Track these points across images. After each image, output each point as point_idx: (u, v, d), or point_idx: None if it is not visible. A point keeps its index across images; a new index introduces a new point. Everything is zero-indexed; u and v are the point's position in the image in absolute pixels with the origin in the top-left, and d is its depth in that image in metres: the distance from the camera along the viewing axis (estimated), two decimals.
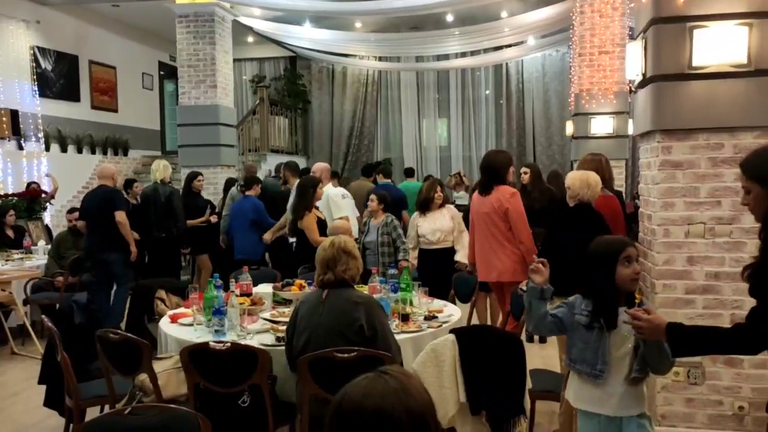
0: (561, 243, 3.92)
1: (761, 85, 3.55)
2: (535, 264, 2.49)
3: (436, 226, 5.38)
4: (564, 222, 4.00)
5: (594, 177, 4.04)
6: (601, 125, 8.81)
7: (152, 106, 13.25)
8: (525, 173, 6.38)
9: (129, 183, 8.48)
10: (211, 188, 9.46)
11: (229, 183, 8.30)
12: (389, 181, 7.97)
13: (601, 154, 4.66)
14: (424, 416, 1.17)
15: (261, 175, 10.86)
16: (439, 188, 5.53)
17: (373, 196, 5.71)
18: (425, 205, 5.46)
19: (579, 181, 3.99)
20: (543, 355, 5.16)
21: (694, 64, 3.55)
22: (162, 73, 13.61)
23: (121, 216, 5.81)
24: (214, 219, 7.58)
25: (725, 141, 3.66)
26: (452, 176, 10.41)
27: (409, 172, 10.06)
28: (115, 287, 5.86)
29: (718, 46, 3.50)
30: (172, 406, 2.12)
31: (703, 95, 3.61)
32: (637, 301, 2.49)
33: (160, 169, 6.98)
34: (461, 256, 5.27)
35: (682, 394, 3.80)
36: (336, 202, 6.06)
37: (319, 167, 6.56)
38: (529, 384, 2.97)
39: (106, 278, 5.81)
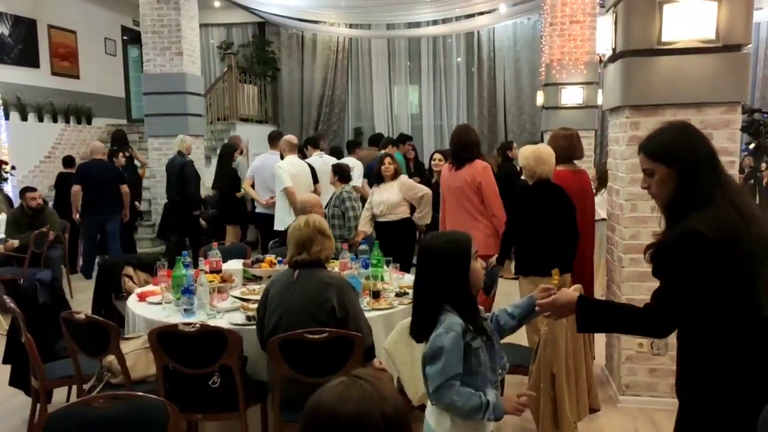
0: (524, 222, 3.94)
1: (729, 61, 3.59)
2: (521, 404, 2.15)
3: (382, 198, 5.43)
4: (525, 201, 3.99)
5: (546, 150, 3.99)
6: (571, 96, 8.84)
7: (116, 73, 12.87)
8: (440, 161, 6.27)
9: (112, 153, 8.68)
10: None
11: (227, 152, 8.15)
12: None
13: (572, 129, 4.66)
14: (399, 421, 1.18)
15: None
16: (387, 160, 5.55)
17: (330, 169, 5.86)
18: (378, 178, 5.55)
19: (533, 159, 3.92)
20: None
21: (664, 39, 3.57)
22: (125, 38, 13.19)
23: (125, 188, 7.68)
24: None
25: (692, 117, 3.70)
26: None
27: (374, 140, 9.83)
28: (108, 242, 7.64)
29: (688, 21, 3.51)
30: (140, 394, 2.09)
31: (671, 71, 3.64)
32: (555, 281, 2.43)
33: (178, 143, 7.98)
34: (418, 217, 5.41)
35: (645, 364, 3.91)
36: (279, 174, 6.12)
37: (284, 139, 6.70)
38: None
39: (96, 233, 7.67)
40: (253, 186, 7.04)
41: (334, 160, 6.88)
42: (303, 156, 7.30)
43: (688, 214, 1.85)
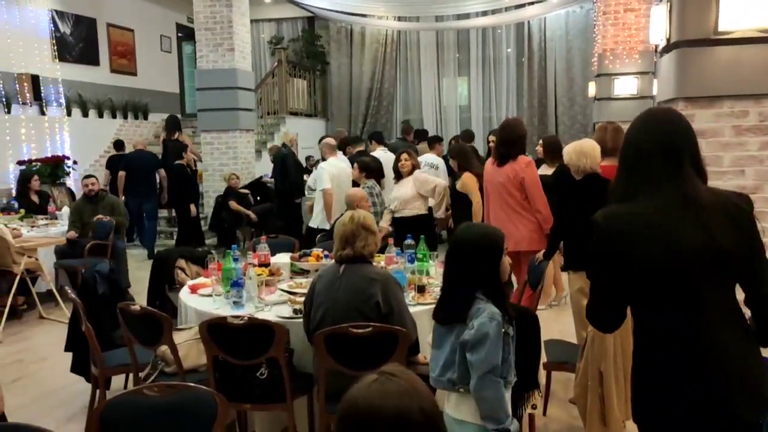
0: (572, 217, 3.88)
1: None
2: None
3: (398, 194, 5.52)
4: (573, 195, 3.94)
5: (589, 144, 3.93)
6: (625, 86, 8.62)
7: (171, 69, 13.23)
8: (493, 142, 6.06)
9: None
10: (231, 152, 9.50)
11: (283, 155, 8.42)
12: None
13: (613, 122, 4.57)
14: (435, 415, 1.20)
15: (278, 140, 10.86)
16: (404, 156, 5.58)
17: (355, 165, 6.00)
18: (396, 173, 5.65)
19: (575, 153, 3.89)
20: (561, 322, 5.18)
21: (720, 29, 3.43)
22: (180, 35, 13.53)
23: (162, 173, 9.02)
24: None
25: (750, 108, 3.56)
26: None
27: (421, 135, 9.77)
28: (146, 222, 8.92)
29: (746, 10, 3.37)
30: (191, 384, 2.17)
31: (728, 61, 3.50)
32: None
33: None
34: (439, 213, 5.44)
35: None
36: (320, 175, 6.24)
37: (323, 142, 6.86)
38: (544, 357, 2.98)
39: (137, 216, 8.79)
40: None
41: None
42: (362, 152, 7.40)
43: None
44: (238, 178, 8.89)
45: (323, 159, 6.76)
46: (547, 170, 5.49)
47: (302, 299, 3.20)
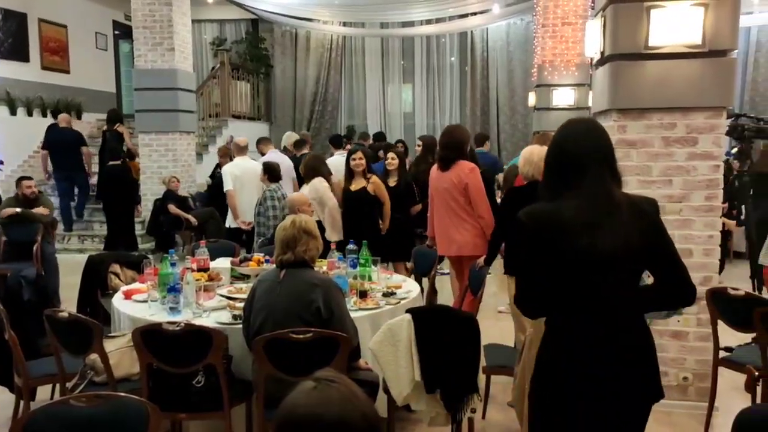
0: (512, 222, 3.97)
1: (714, 66, 3.61)
2: None
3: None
4: (514, 201, 4.03)
5: (537, 151, 4.02)
6: (563, 97, 8.88)
7: (107, 68, 12.81)
8: (417, 146, 6.15)
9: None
10: (170, 155, 9.26)
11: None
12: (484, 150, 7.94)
13: (547, 132, 4.72)
14: (375, 419, 1.19)
15: (221, 142, 10.69)
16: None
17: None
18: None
19: (522, 159, 4.04)
20: (500, 327, 5.26)
21: (651, 44, 3.58)
22: (117, 32, 13.13)
23: (86, 150, 9.33)
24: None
25: (678, 121, 3.73)
26: None
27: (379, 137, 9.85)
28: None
29: (675, 26, 3.53)
30: (121, 394, 2.09)
31: (658, 75, 3.66)
32: None
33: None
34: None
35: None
36: (223, 177, 6.59)
37: (234, 141, 7.25)
38: (483, 361, 3.02)
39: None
40: None
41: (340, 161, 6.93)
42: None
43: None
44: (178, 181, 8.67)
45: (230, 159, 7.03)
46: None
47: (242, 305, 3.15)
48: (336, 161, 6.78)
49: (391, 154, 5.96)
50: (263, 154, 7.46)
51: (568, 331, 1.92)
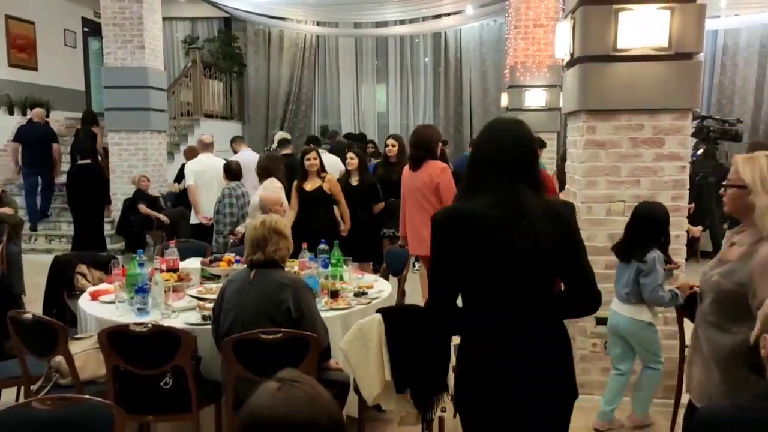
0: None
1: (680, 69, 3.68)
2: None
3: (253, 198, 5.54)
4: None
5: None
6: (535, 98, 8.97)
7: (76, 65, 12.57)
8: (393, 146, 6.11)
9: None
10: (140, 154, 9.13)
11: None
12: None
13: None
14: (340, 419, 1.19)
15: (193, 142, 10.58)
16: (350, 154, 5.73)
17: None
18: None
19: None
20: None
21: (619, 46, 3.63)
22: (86, 29, 12.89)
23: (57, 147, 9.37)
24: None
25: (645, 122, 3.79)
26: None
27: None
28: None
29: (642, 29, 3.58)
30: (86, 396, 2.06)
31: (626, 77, 3.71)
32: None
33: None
34: None
35: (598, 364, 3.98)
36: (185, 173, 6.81)
37: (198, 139, 7.38)
38: (453, 360, 3.03)
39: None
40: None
41: (334, 158, 7.09)
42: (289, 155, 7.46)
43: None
44: (149, 181, 8.56)
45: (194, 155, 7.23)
46: None
47: (212, 305, 3.11)
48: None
49: (350, 154, 6.03)
50: (236, 153, 7.54)
51: (482, 332, 1.95)
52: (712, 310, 2.25)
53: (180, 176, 8.45)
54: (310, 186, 5.42)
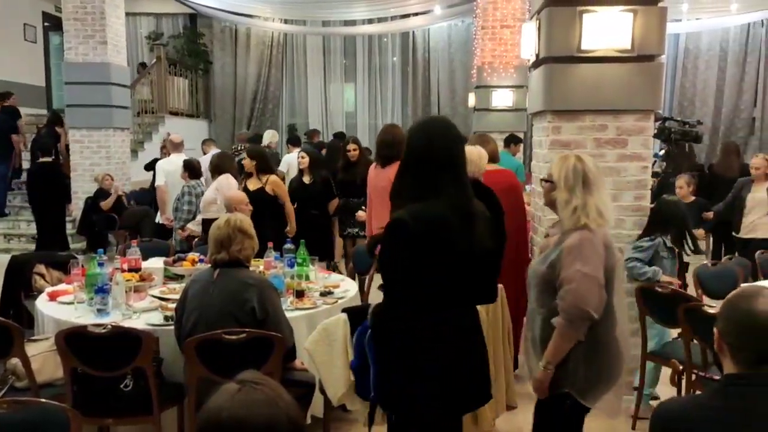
0: None
1: (643, 71, 3.74)
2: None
3: (206, 194, 5.58)
4: None
5: (477, 152, 4.05)
6: (502, 98, 9.03)
7: (36, 61, 12.24)
8: (354, 150, 6.13)
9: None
10: (103, 152, 8.93)
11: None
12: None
13: (484, 134, 4.79)
14: (300, 421, 1.17)
15: (157, 140, 10.41)
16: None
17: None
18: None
19: None
20: None
21: (583, 47, 3.67)
22: (47, 24, 12.57)
23: (17, 138, 9.25)
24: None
25: (609, 123, 3.84)
26: None
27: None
28: None
29: (606, 31, 3.63)
30: (41, 400, 1.99)
31: (590, 78, 3.76)
32: None
33: (269, 137, 8.99)
34: None
35: None
36: (156, 172, 6.81)
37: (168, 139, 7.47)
38: None
39: None
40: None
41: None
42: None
43: (406, 204, 2.10)
44: (113, 179, 8.37)
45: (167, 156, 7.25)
46: None
47: (175, 305, 3.06)
48: (291, 158, 7.37)
49: (301, 153, 6.19)
50: (205, 154, 7.62)
51: (446, 333, 2.05)
52: (535, 296, 2.41)
53: (151, 166, 8.34)
54: (252, 186, 5.35)
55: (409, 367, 2.06)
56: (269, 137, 9.09)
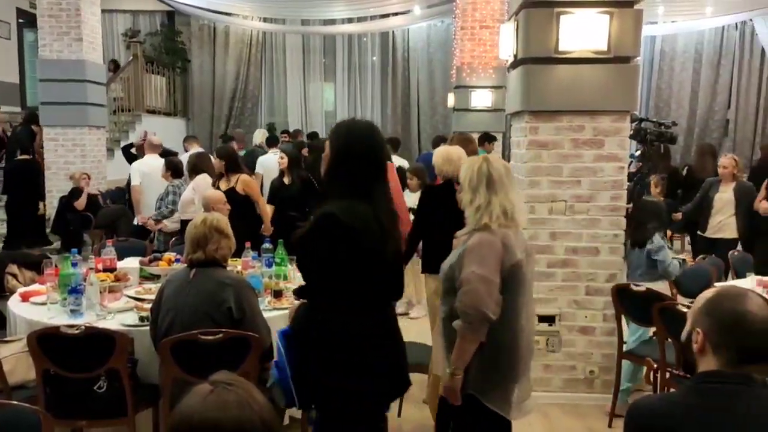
0: (430, 221, 4.01)
1: (619, 72, 3.78)
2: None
3: (184, 194, 5.62)
4: (431, 199, 4.07)
5: (456, 152, 4.07)
6: (481, 98, 9.08)
7: (10, 58, 12.04)
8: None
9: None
10: (78, 150, 8.80)
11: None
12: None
13: (464, 133, 4.82)
14: (273, 423, 1.16)
15: (134, 138, 10.30)
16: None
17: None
18: None
19: (440, 158, 4.05)
20: (418, 324, 5.31)
21: (561, 48, 3.71)
22: (21, 20, 12.36)
23: None
24: None
25: (586, 123, 3.88)
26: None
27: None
28: None
29: (582, 32, 3.66)
30: (12, 402, 1.96)
31: (567, 79, 3.79)
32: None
33: (259, 136, 9.21)
34: None
35: (540, 361, 4.05)
36: (132, 172, 6.76)
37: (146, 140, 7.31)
38: None
39: None
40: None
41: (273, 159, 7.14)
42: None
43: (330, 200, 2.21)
44: (89, 177, 8.25)
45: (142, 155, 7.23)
46: None
47: (150, 306, 3.02)
48: (269, 159, 7.26)
49: (280, 153, 6.20)
50: (186, 151, 7.49)
51: (378, 332, 2.19)
52: (441, 296, 2.51)
53: (127, 149, 8.29)
54: (223, 186, 5.30)
55: (339, 363, 2.18)
56: (260, 137, 9.09)
